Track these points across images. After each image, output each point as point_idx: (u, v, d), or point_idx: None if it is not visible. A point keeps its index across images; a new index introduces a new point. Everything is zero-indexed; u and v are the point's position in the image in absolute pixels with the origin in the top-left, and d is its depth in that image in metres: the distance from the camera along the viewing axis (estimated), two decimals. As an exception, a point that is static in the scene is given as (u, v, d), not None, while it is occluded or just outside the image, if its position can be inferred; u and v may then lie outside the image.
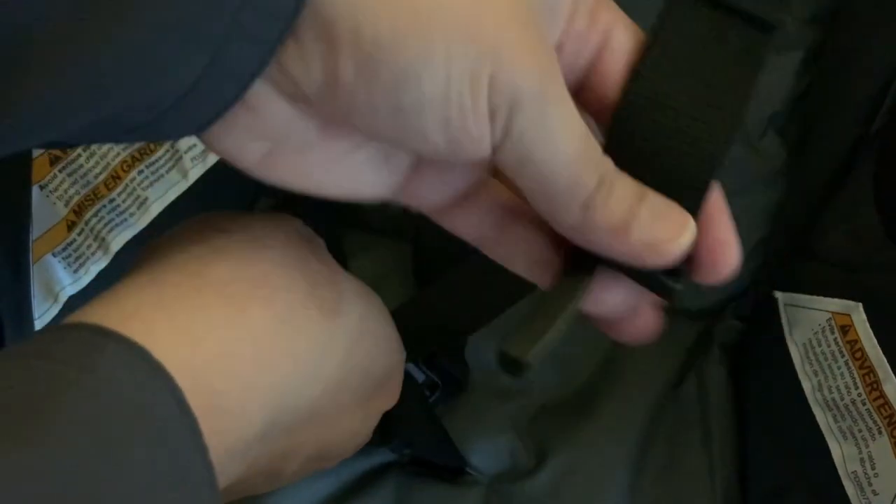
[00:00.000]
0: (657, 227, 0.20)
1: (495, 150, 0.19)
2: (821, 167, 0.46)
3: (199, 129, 0.19)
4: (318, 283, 0.24)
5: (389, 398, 0.29)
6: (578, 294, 0.21)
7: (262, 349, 0.21)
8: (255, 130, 0.20)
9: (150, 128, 0.19)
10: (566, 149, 0.19)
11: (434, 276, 0.50)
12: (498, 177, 0.24)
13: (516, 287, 0.27)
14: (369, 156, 0.22)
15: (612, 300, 0.23)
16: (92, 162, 0.39)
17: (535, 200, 0.21)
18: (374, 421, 0.28)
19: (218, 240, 0.23)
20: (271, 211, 0.51)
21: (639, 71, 0.21)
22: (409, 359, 0.48)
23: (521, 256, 0.23)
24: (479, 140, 0.19)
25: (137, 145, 0.40)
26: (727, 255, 0.21)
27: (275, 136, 0.20)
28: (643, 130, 0.21)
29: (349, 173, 0.22)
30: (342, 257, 0.53)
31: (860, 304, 0.38)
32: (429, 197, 0.23)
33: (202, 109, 0.18)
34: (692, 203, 0.21)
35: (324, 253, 0.25)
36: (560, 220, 0.20)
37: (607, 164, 0.20)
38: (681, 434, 0.48)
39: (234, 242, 0.23)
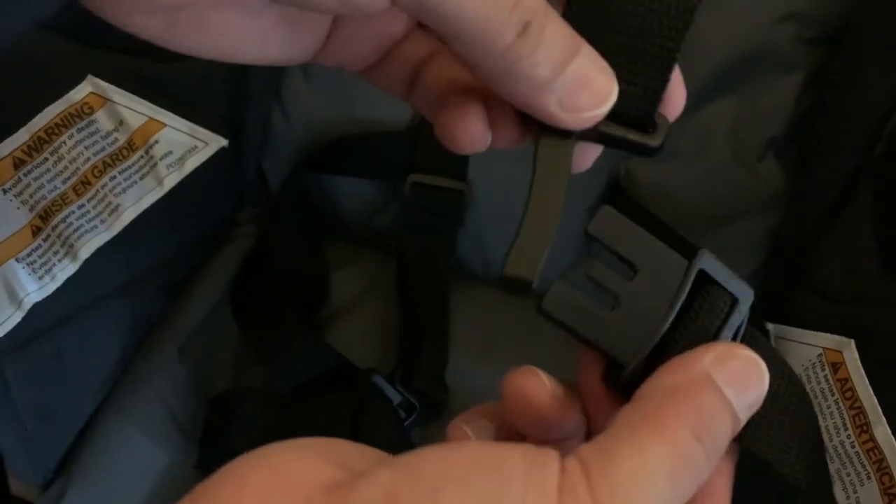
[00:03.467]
0: (580, 94, 0.19)
1: None
2: (819, 194, 0.44)
3: None
4: None
5: None
6: (563, 184, 0.20)
7: None
8: (141, 2, 0.19)
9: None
10: None
11: (417, 289, 0.49)
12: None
13: None
14: (279, 18, 0.20)
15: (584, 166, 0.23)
16: (60, 166, 0.38)
17: (455, 51, 0.19)
18: None
19: None
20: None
21: None
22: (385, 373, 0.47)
23: (462, 118, 0.21)
24: None
25: (107, 151, 0.39)
26: (677, 101, 0.21)
27: (166, 5, 0.19)
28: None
29: (258, 36, 0.21)
30: (325, 270, 0.52)
31: (852, 341, 0.36)
32: (351, 57, 0.22)
33: None
34: (658, 74, 0.20)
35: None
36: (481, 71, 0.19)
37: (537, 6, 0.18)
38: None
39: None
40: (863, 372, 0.35)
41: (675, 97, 0.21)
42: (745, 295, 0.21)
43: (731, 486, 0.20)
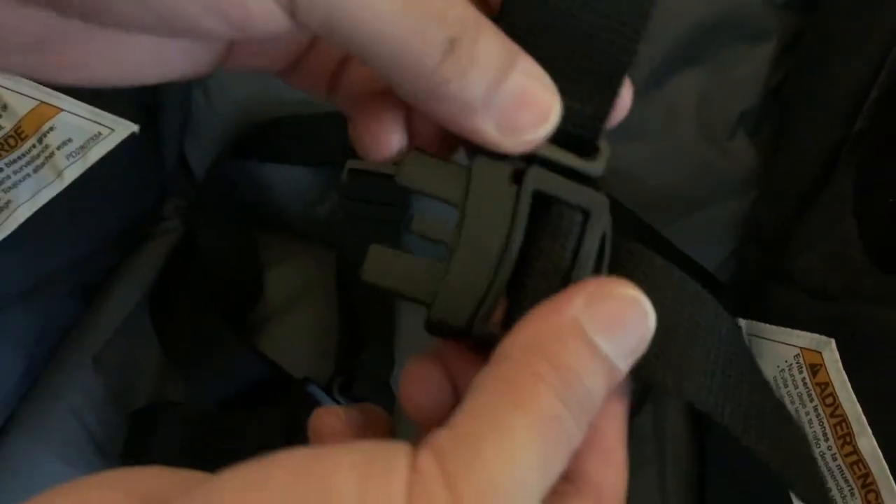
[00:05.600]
0: (519, 113, 0.17)
1: (292, 14, 0.15)
2: (796, 174, 0.40)
3: None
4: None
5: None
6: (506, 211, 0.18)
7: None
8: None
9: None
10: (380, 4, 0.15)
11: (358, 286, 0.45)
12: None
13: None
14: (170, 41, 0.18)
15: None
16: (-71, 160, 0.33)
17: (375, 70, 0.16)
18: None
19: None
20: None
21: None
22: (322, 378, 0.43)
23: (375, 125, 0.19)
24: (261, 11, 0.15)
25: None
26: (620, 110, 0.18)
27: (21, 47, 0.17)
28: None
29: (147, 61, 0.18)
30: (258, 267, 0.47)
31: (832, 341, 0.32)
32: (259, 65, 0.20)
33: None
34: (607, 88, 0.18)
35: None
36: (403, 93, 0.17)
37: (466, 18, 0.16)
38: (633, 474, 0.42)
39: None
40: (845, 376, 0.31)
41: (621, 106, 0.18)
42: (597, 204, 0.18)
43: (625, 430, 0.18)
